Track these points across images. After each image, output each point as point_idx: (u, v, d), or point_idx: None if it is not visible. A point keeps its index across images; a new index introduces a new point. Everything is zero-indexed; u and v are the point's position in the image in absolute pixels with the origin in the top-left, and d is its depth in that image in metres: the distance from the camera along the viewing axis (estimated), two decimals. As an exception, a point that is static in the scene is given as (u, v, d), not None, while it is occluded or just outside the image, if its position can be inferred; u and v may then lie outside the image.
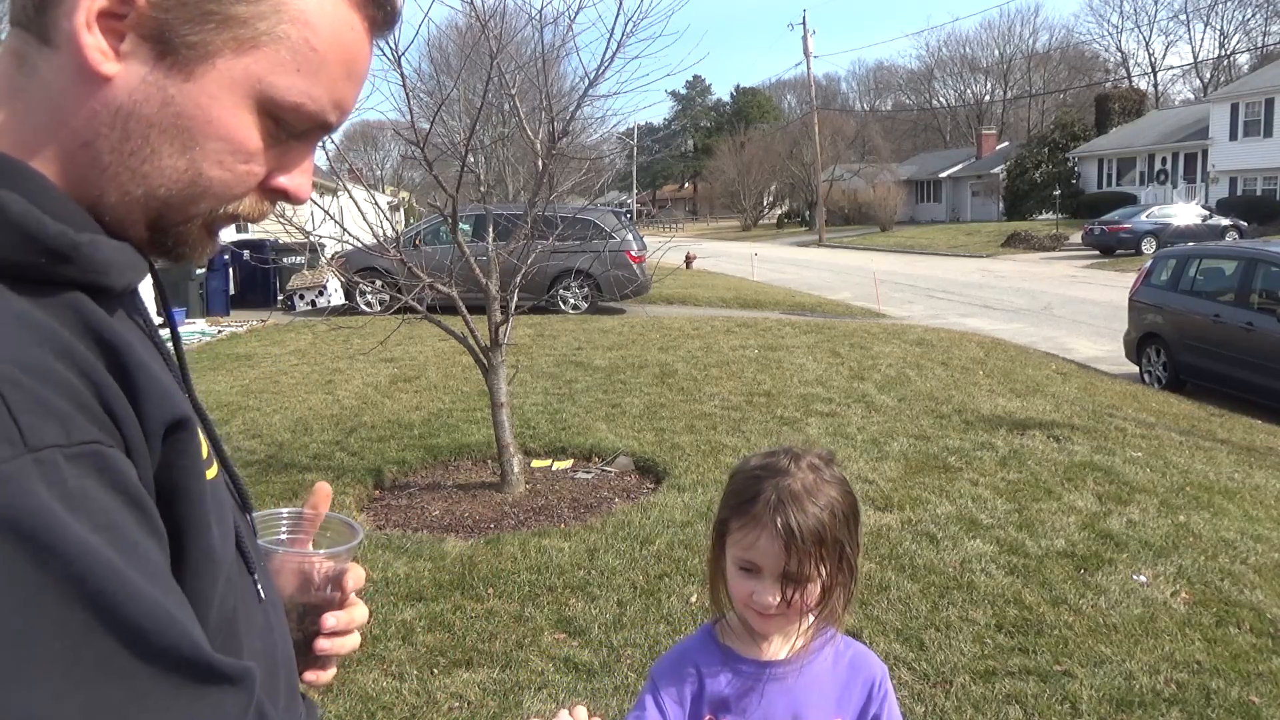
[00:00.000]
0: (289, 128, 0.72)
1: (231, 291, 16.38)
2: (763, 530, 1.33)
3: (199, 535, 0.67)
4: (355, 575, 0.97)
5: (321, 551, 0.95)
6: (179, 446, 0.66)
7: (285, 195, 0.76)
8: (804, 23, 45.76)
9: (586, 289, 15.33)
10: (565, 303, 15.18)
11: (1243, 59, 62.44)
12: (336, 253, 9.55)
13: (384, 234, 5.78)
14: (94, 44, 0.64)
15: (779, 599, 1.35)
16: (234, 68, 0.67)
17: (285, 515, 0.98)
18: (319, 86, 0.71)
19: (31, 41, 0.66)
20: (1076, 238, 33.16)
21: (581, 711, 1.25)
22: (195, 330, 13.64)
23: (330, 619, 0.93)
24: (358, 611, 0.96)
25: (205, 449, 0.72)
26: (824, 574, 1.35)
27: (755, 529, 1.34)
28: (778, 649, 1.43)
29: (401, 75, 5.09)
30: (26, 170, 0.65)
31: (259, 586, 0.78)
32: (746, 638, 1.43)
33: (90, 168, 0.67)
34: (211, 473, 0.71)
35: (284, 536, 0.97)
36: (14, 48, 0.67)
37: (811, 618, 1.41)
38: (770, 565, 1.34)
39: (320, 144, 0.79)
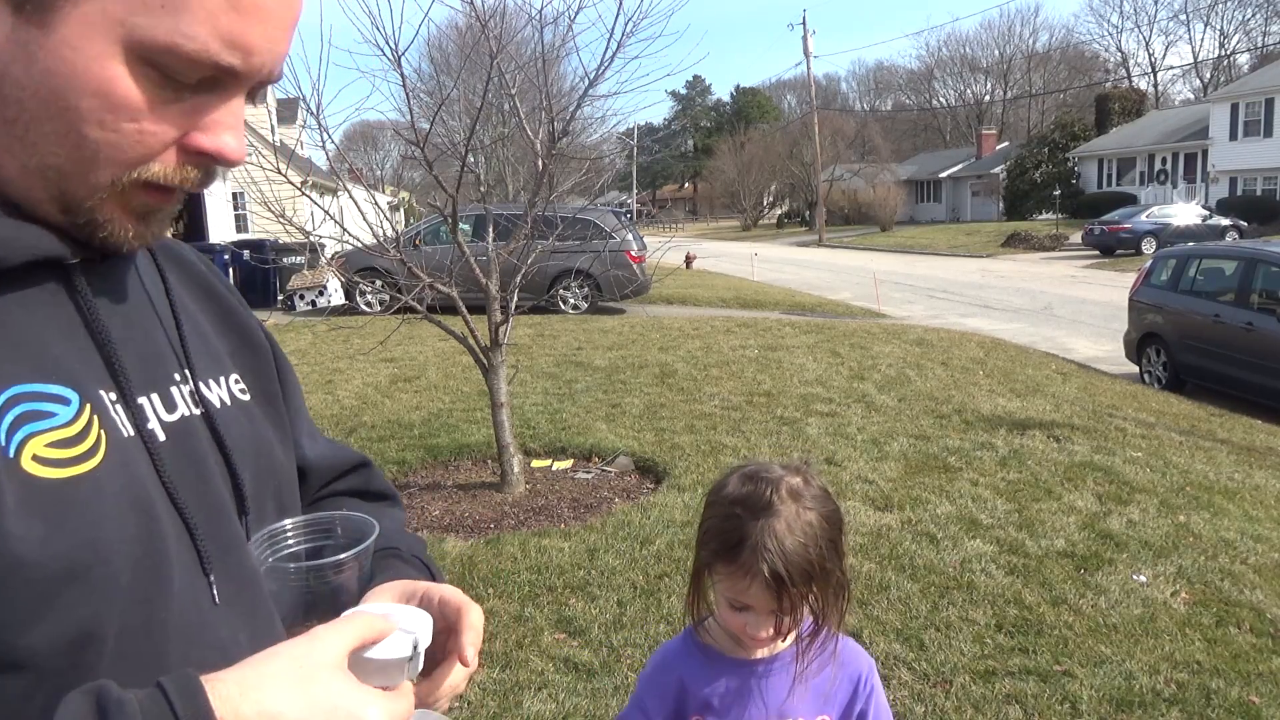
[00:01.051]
0: (178, 75, 0.63)
1: (231, 291, 16.35)
2: (753, 580, 1.30)
3: None
4: (471, 630, 0.82)
5: (332, 560, 0.84)
6: None
7: (210, 157, 0.68)
8: (804, 23, 45.77)
9: (586, 289, 15.33)
10: (565, 303, 15.18)
11: (1243, 59, 62.49)
12: (336, 253, 9.55)
13: (384, 234, 5.77)
14: None
15: (773, 632, 1.35)
16: (89, 12, 0.60)
17: (290, 526, 0.88)
18: (194, 23, 0.62)
19: None
20: (1076, 238, 33.17)
21: None
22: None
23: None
24: (454, 675, 0.83)
25: (91, 439, 0.65)
26: (817, 602, 1.35)
27: (745, 577, 1.31)
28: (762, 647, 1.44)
29: (401, 75, 5.10)
30: None
31: (215, 590, 0.72)
32: (729, 640, 1.43)
33: None
34: (77, 469, 0.64)
35: (293, 550, 0.88)
36: None
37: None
38: (762, 605, 1.33)
39: (252, 97, 0.70)
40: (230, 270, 16.37)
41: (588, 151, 13.53)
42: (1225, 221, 30.12)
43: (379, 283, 7.89)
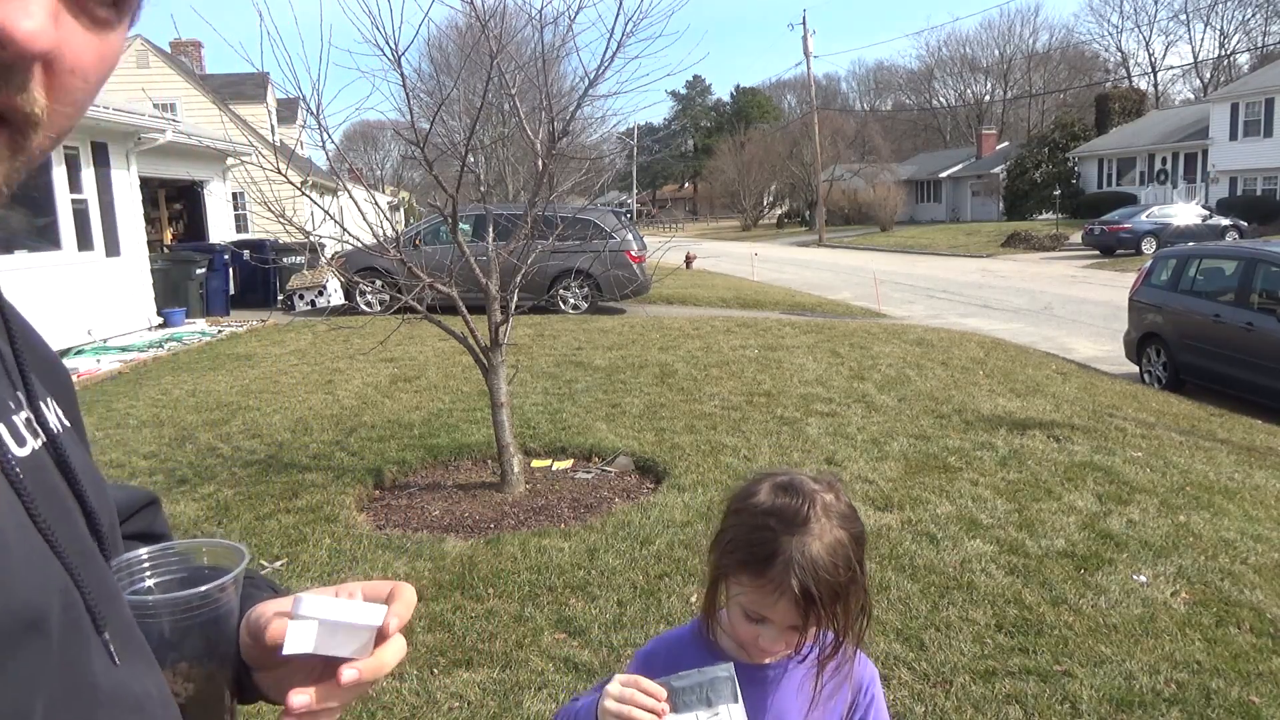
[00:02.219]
0: None
1: (231, 291, 16.38)
2: (782, 595, 1.27)
3: None
4: (401, 601, 0.77)
5: (193, 591, 0.75)
6: None
7: None
8: (804, 23, 45.75)
9: (586, 289, 15.33)
10: (565, 303, 15.18)
11: (1243, 59, 62.50)
12: (336, 253, 9.55)
13: (384, 234, 5.78)
14: None
15: (788, 647, 1.34)
16: None
17: (145, 557, 0.78)
18: None
19: None
20: (1076, 238, 33.18)
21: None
22: (195, 330, 13.65)
23: (297, 698, 0.73)
24: (385, 654, 0.76)
25: None
26: (839, 621, 1.33)
27: (773, 592, 1.28)
28: None
29: (401, 75, 5.10)
30: None
31: (110, 648, 0.62)
32: (734, 643, 1.41)
33: None
34: None
35: (148, 583, 0.78)
36: None
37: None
38: (783, 620, 1.30)
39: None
40: (230, 270, 16.39)
41: (588, 151, 13.53)
42: (1225, 221, 30.13)
43: (379, 283, 7.89)
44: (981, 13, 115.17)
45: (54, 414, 0.70)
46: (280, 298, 16.63)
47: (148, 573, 0.78)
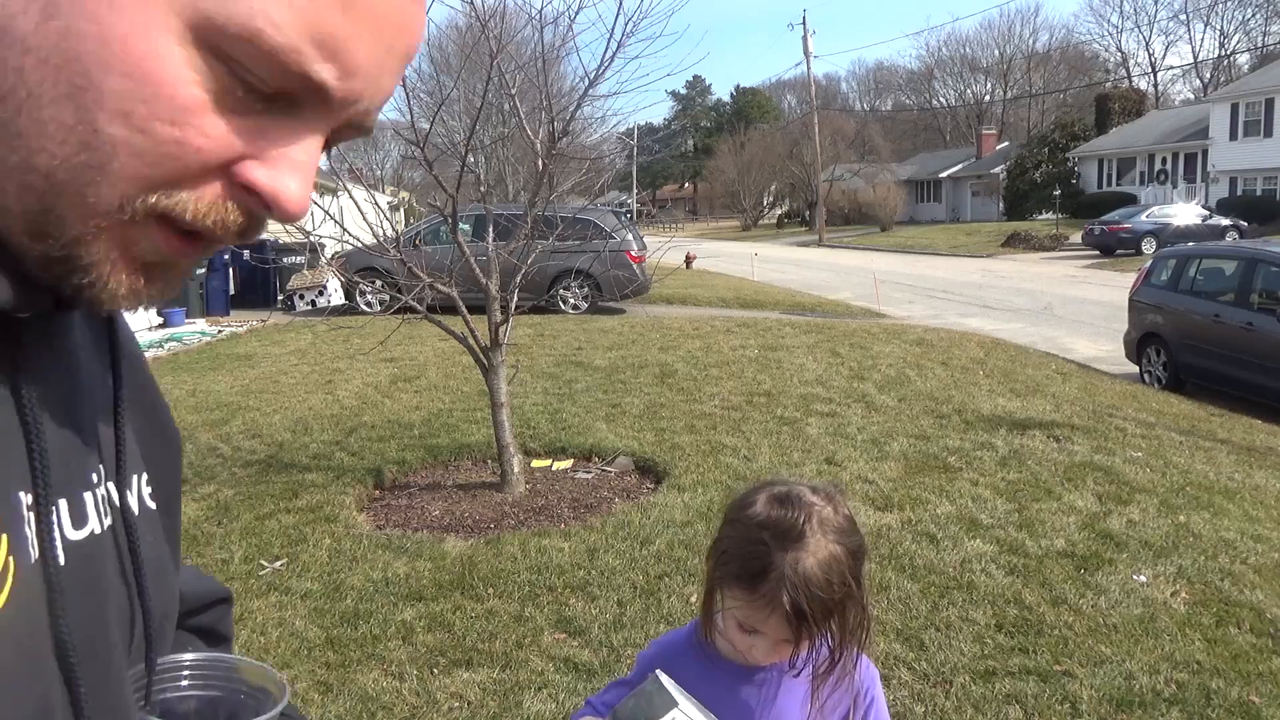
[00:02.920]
0: (252, 78, 0.47)
1: (231, 291, 16.38)
2: (773, 611, 1.26)
3: None
4: None
5: None
6: None
7: (262, 199, 0.50)
8: (804, 23, 45.81)
9: (586, 289, 15.33)
10: (565, 303, 15.18)
11: (1243, 59, 62.49)
12: (336, 253, 9.56)
13: (384, 234, 5.77)
14: None
15: (781, 658, 1.34)
16: None
17: (188, 663, 0.73)
18: (285, 9, 0.46)
19: None
20: (1076, 238, 33.17)
21: None
22: (195, 330, 13.66)
23: None
24: None
25: (2, 560, 0.49)
26: (835, 636, 1.32)
27: (766, 608, 1.27)
28: None
29: (401, 75, 5.08)
30: None
31: None
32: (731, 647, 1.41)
33: None
34: None
35: (184, 693, 0.71)
36: None
37: None
38: (776, 634, 1.30)
39: (332, 143, 0.55)
40: (230, 270, 16.39)
41: (588, 151, 13.52)
42: (1225, 221, 30.12)
43: (379, 283, 7.88)
44: (981, 13, 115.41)
45: (138, 492, 0.63)
46: (280, 298, 16.63)
47: (185, 681, 0.72)
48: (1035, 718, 3.18)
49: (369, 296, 12.10)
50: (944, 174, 56.65)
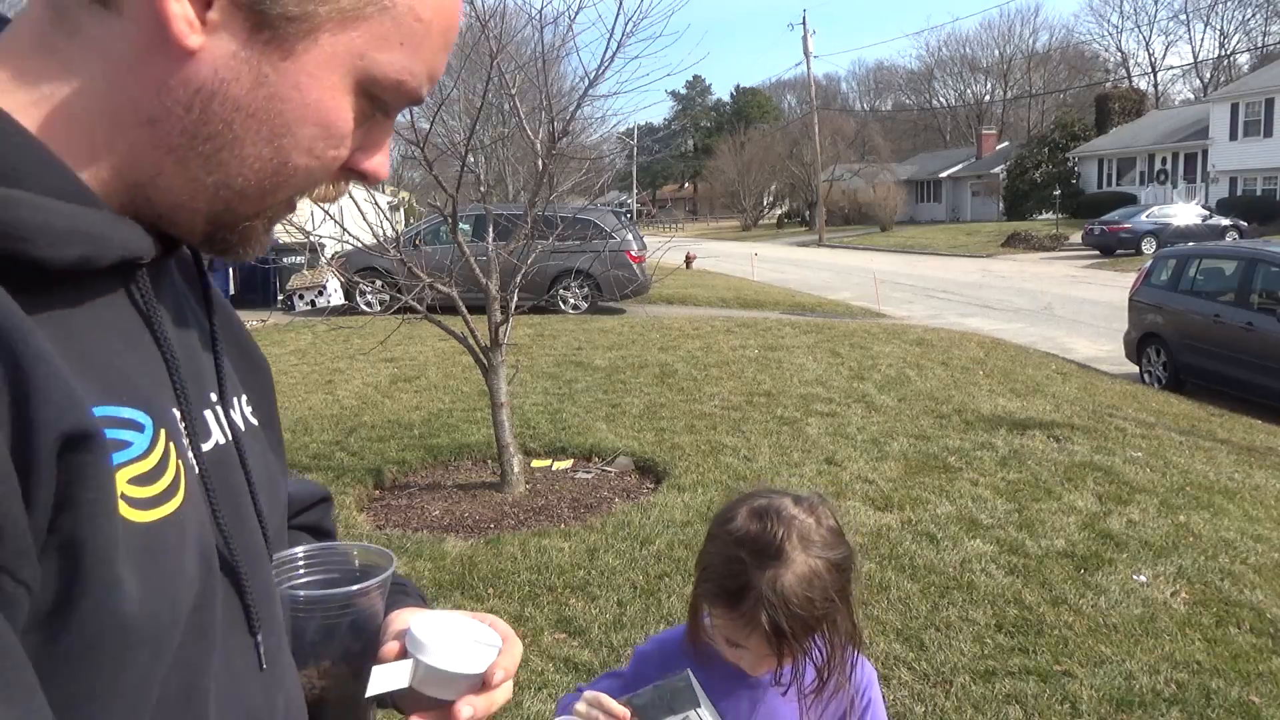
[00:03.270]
0: (383, 106, 0.64)
1: (231, 291, 16.38)
2: (754, 630, 1.25)
3: (94, 596, 0.51)
4: (509, 654, 0.81)
5: (344, 590, 0.79)
6: (75, 471, 0.50)
7: (364, 176, 0.66)
8: (804, 23, 45.80)
9: (586, 289, 15.33)
10: (565, 303, 15.17)
11: (1243, 59, 62.50)
12: (336, 253, 9.55)
13: (384, 234, 5.77)
14: (181, 13, 0.55)
15: (769, 669, 1.34)
16: (337, 43, 0.59)
17: (302, 555, 0.83)
18: (420, 60, 0.62)
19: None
20: (1076, 238, 33.16)
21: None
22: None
23: (465, 709, 0.77)
24: (496, 694, 0.80)
25: (171, 472, 0.58)
26: (821, 653, 1.32)
27: (746, 626, 1.26)
28: None
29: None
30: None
31: (261, 651, 0.66)
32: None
33: (151, 147, 0.58)
34: (162, 510, 0.56)
35: (302, 580, 0.82)
36: (52, 1, 0.58)
37: None
38: (757, 649, 1.29)
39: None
40: (230, 270, 16.38)
41: (588, 151, 13.52)
42: (1225, 221, 30.10)
43: (379, 283, 7.88)
44: (981, 13, 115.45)
45: (241, 410, 0.74)
46: (280, 298, 16.62)
47: (302, 570, 0.82)
48: (1035, 718, 3.18)
49: (369, 296, 12.09)
50: (944, 174, 56.63)
